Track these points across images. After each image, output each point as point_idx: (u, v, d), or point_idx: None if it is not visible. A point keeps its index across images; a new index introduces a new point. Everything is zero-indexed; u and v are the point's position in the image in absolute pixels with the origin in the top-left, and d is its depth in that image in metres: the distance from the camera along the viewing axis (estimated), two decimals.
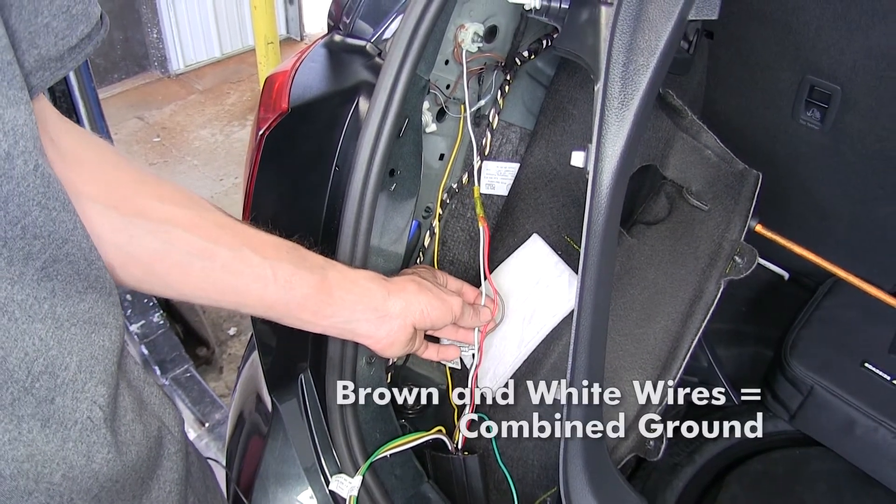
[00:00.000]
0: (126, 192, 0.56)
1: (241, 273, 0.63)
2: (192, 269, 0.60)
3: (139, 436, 0.57)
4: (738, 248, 1.01)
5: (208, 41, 4.11)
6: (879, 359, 1.28)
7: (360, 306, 0.73)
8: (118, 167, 0.57)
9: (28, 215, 0.44)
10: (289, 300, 0.67)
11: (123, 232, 0.55)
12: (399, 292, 0.76)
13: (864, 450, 1.23)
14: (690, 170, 1.06)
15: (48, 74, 0.47)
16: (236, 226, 0.64)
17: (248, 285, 0.64)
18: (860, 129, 1.16)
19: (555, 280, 0.99)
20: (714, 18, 0.67)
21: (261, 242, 0.65)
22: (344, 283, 0.71)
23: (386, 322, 0.76)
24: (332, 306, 0.71)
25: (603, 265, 0.70)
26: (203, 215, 0.61)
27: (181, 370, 2.07)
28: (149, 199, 0.57)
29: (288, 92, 0.78)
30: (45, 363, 0.47)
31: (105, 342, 0.52)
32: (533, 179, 1.09)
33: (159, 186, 0.59)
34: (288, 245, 0.68)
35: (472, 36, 0.91)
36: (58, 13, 0.46)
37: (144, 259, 0.57)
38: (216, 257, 0.61)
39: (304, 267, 0.68)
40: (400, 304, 0.76)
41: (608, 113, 0.66)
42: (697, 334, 0.98)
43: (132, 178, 0.57)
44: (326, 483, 0.84)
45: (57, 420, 0.49)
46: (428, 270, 0.88)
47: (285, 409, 0.92)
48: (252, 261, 0.63)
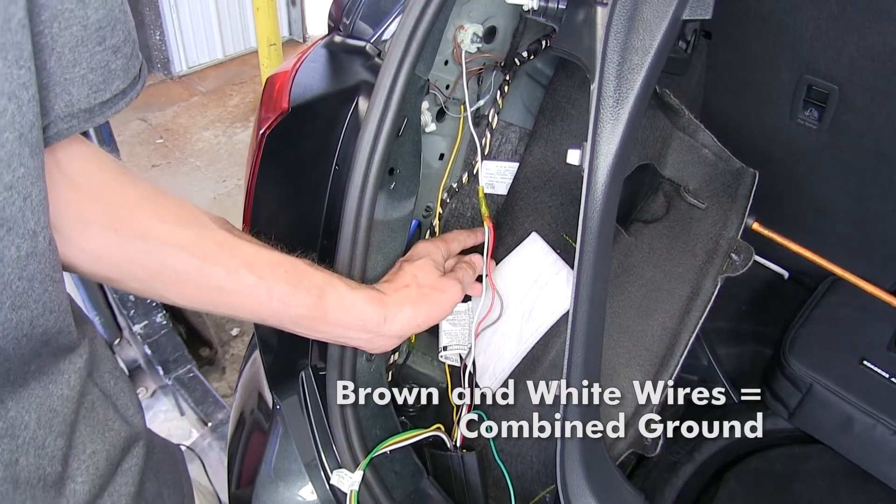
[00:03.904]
0: (126, 213, 0.57)
1: (235, 292, 0.64)
2: (188, 286, 0.61)
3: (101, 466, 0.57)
4: (735, 245, 1.01)
5: (211, 43, 4.13)
6: (878, 357, 1.28)
7: (353, 329, 0.74)
8: (120, 187, 0.57)
9: (42, 289, 0.45)
10: (282, 317, 0.69)
11: (121, 251, 0.56)
12: (396, 314, 0.77)
13: (862, 447, 1.23)
14: (688, 168, 1.07)
15: (75, 124, 0.47)
16: (235, 244, 0.65)
17: (243, 303, 0.65)
18: (858, 129, 1.17)
19: (553, 278, 1.00)
20: (708, 18, 0.67)
21: (259, 262, 0.65)
22: (339, 307, 0.72)
23: (379, 339, 0.77)
24: (325, 325, 0.72)
25: (598, 260, 0.71)
26: (202, 234, 0.62)
27: (184, 370, 2.08)
28: (148, 219, 0.58)
29: (288, 92, 0.79)
30: (5, 426, 0.46)
31: (63, 391, 0.51)
32: (532, 178, 1.10)
33: (160, 205, 0.59)
34: (288, 263, 0.68)
35: (472, 37, 0.91)
36: (97, 67, 0.46)
37: (142, 276, 0.59)
38: (211, 277, 0.62)
39: (301, 287, 0.68)
40: (396, 326, 0.77)
41: (603, 111, 0.67)
42: (695, 331, 0.98)
43: (134, 199, 0.58)
44: (327, 478, 0.85)
45: (24, 480, 0.48)
46: (435, 247, 0.89)
47: (286, 406, 0.93)
48: (247, 281, 0.64)
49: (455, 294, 0.82)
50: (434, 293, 0.81)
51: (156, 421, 2.18)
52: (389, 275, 0.84)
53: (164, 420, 2.18)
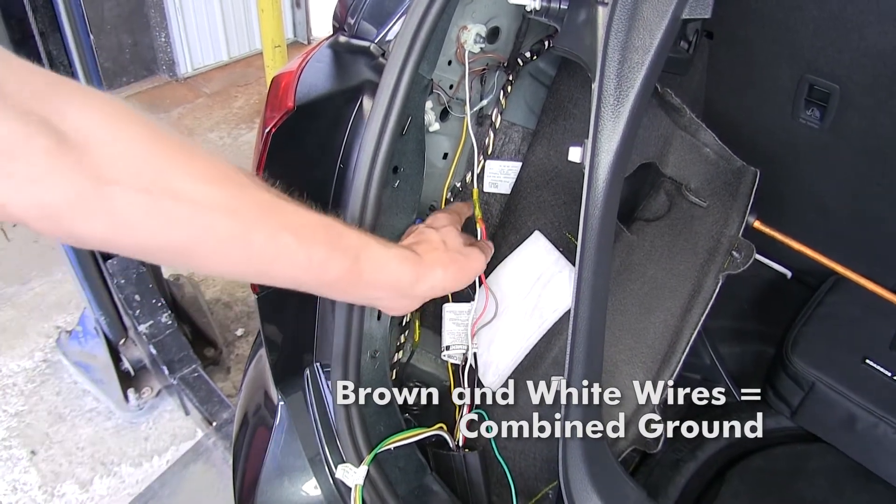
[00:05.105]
0: (155, 172, 0.52)
1: (276, 259, 0.61)
2: (229, 256, 0.58)
3: None
4: (736, 243, 1.02)
5: (216, 45, 4.15)
6: (880, 355, 1.29)
7: (386, 288, 0.74)
8: (141, 139, 0.52)
9: None
10: (321, 282, 0.67)
11: (156, 218, 0.52)
12: (428, 274, 0.77)
13: (864, 445, 1.23)
14: (689, 167, 1.07)
15: None
16: (275, 204, 0.61)
17: (283, 270, 0.63)
18: (859, 127, 1.17)
19: (556, 276, 1.01)
20: (708, 17, 0.68)
21: (298, 224, 0.62)
22: (375, 267, 0.70)
23: (407, 299, 0.77)
24: (359, 287, 0.71)
25: (600, 258, 0.72)
26: (241, 195, 0.58)
27: (189, 370, 2.09)
28: (182, 179, 0.53)
29: (294, 91, 0.80)
30: None
31: None
32: (535, 178, 1.10)
33: (192, 160, 0.55)
34: (324, 223, 0.66)
35: (475, 37, 0.92)
36: None
37: (179, 247, 0.55)
38: (253, 244, 0.58)
39: (338, 248, 0.66)
40: (426, 287, 0.76)
41: (604, 109, 0.67)
42: (696, 328, 0.99)
43: (160, 153, 0.53)
44: (331, 473, 0.85)
45: None
46: (455, 218, 0.89)
47: (291, 403, 0.94)
48: (290, 247, 0.61)
49: (480, 263, 0.84)
50: (462, 259, 0.81)
51: (161, 420, 2.19)
52: (413, 237, 0.84)
53: (169, 419, 2.19)
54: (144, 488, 1.98)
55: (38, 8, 1.58)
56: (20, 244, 2.80)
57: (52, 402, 2.23)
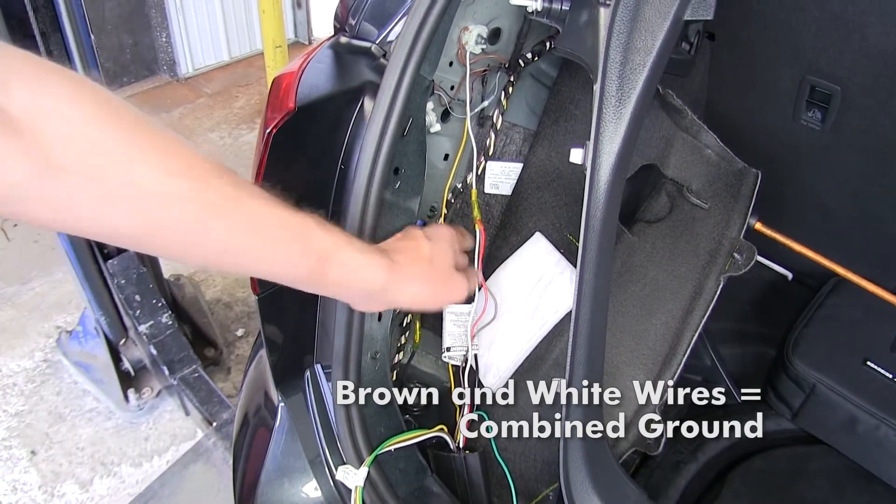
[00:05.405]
0: (108, 158, 0.49)
1: (237, 255, 0.61)
2: (185, 249, 0.57)
3: None
4: (738, 245, 1.02)
5: (217, 45, 4.15)
6: (881, 357, 1.28)
7: (354, 290, 0.73)
8: (97, 120, 0.49)
9: None
10: (284, 279, 0.67)
11: (107, 207, 0.50)
12: (400, 285, 0.75)
13: (865, 447, 1.23)
14: (691, 169, 1.07)
15: None
16: (238, 200, 0.59)
17: (245, 265, 0.63)
18: (861, 129, 1.17)
19: (557, 277, 1.01)
20: (709, 19, 0.68)
21: (262, 222, 0.61)
22: (344, 270, 0.69)
23: (375, 303, 0.76)
24: (327, 287, 0.71)
25: (601, 259, 0.72)
26: (202, 188, 0.56)
27: (189, 370, 2.09)
28: (138, 168, 0.51)
29: (295, 91, 0.80)
30: None
31: None
32: (536, 179, 1.10)
33: (151, 147, 0.52)
34: (293, 222, 0.64)
35: (476, 38, 0.92)
36: None
37: (132, 234, 0.54)
38: (207, 240, 0.58)
39: (307, 252, 0.65)
40: (396, 297, 0.76)
41: (606, 111, 0.67)
42: (698, 330, 0.99)
43: (117, 137, 0.50)
44: (332, 475, 0.85)
45: None
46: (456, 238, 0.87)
47: (291, 404, 0.94)
48: (247, 244, 0.60)
49: (459, 293, 0.82)
50: (442, 282, 0.80)
51: (161, 421, 2.19)
52: (403, 239, 0.82)
53: (169, 420, 2.19)
54: (144, 488, 1.98)
55: (39, 8, 1.58)
56: (20, 244, 2.79)
57: (52, 402, 2.23)
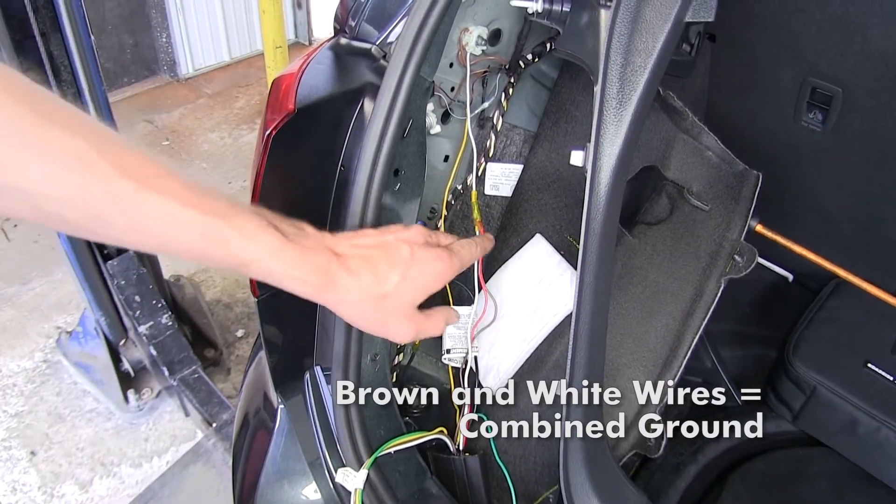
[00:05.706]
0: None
1: (135, 244, 0.58)
2: (79, 234, 0.55)
3: None
4: (738, 247, 1.01)
5: (217, 45, 4.15)
6: (882, 359, 1.28)
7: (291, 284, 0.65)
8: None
9: None
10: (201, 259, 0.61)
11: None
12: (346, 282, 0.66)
13: (866, 449, 1.23)
14: (691, 170, 1.07)
15: None
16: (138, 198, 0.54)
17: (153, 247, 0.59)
18: (862, 131, 1.17)
19: (557, 279, 1.01)
20: (710, 20, 0.68)
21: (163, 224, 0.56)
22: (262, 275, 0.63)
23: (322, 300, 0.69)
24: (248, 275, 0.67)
25: (601, 261, 0.71)
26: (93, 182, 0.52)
27: (189, 371, 2.09)
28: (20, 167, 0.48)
29: (294, 93, 0.80)
30: None
31: None
32: (536, 181, 1.10)
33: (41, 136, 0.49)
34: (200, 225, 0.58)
35: (476, 39, 0.92)
36: None
37: (27, 217, 0.52)
38: (98, 233, 0.56)
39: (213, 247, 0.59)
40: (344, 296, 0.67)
41: (606, 113, 0.67)
42: (698, 333, 0.98)
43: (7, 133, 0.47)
44: (331, 477, 0.85)
45: None
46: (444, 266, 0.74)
47: (291, 406, 0.94)
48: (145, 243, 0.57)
49: (395, 337, 0.73)
50: (387, 316, 0.70)
51: (161, 421, 2.19)
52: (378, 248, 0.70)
53: (168, 420, 2.19)
54: (144, 489, 1.98)
55: (39, 8, 1.58)
56: (20, 244, 2.79)
57: (51, 402, 2.23)
